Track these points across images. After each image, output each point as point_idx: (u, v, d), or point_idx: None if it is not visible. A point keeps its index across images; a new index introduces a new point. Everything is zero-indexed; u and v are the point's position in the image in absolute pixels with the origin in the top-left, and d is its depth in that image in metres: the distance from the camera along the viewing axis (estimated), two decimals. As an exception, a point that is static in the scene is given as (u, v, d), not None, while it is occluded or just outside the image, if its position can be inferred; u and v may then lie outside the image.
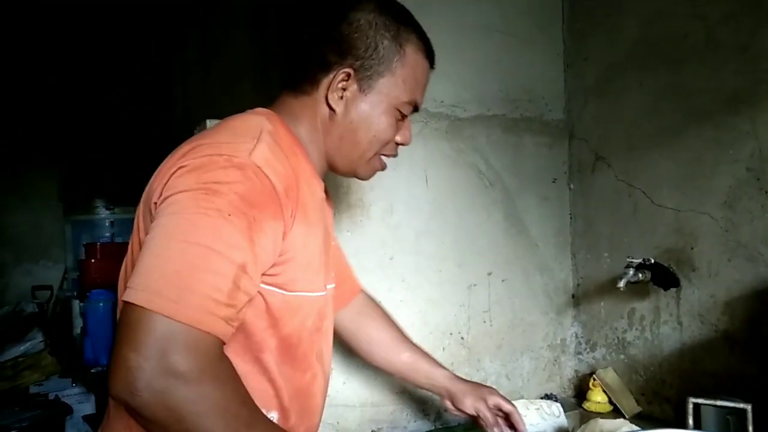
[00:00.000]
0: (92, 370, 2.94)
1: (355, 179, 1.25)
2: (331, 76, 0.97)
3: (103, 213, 4.04)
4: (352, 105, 0.98)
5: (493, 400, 1.28)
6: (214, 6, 2.99)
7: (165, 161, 0.89)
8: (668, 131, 1.63)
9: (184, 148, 0.88)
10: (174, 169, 0.83)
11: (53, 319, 3.82)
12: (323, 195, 1.05)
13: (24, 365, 3.05)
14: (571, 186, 1.93)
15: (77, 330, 3.29)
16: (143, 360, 0.69)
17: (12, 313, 3.73)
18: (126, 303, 0.73)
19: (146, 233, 0.83)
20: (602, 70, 1.82)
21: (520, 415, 1.29)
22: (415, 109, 1.05)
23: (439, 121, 1.70)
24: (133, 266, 0.87)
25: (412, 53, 1.00)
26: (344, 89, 0.98)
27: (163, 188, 0.82)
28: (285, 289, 0.91)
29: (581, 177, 1.90)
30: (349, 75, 0.97)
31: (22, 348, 3.11)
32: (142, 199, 0.90)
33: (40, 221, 4.34)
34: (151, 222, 0.81)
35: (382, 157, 1.06)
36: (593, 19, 1.85)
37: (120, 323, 0.73)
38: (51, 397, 2.89)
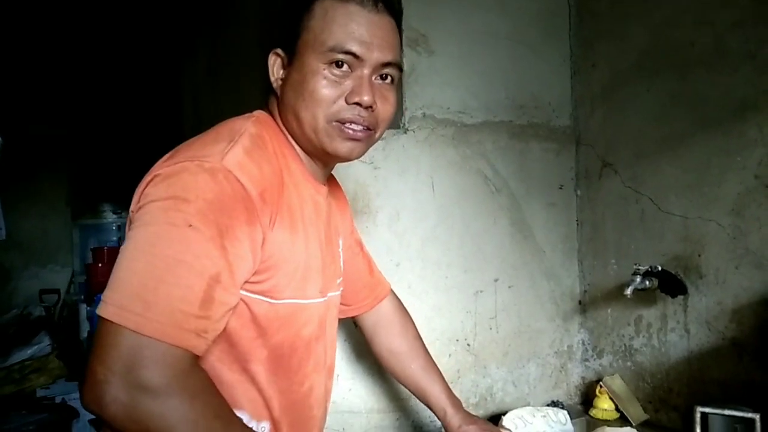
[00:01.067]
0: (99, 374, 2.95)
1: (361, 184, 1.25)
2: (270, 62, 0.97)
3: (110, 217, 4.07)
4: (287, 81, 0.95)
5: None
6: (223, 16, 3.01)
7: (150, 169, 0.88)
8: (676, 138, 1.63)
9: (167, 155, 0.86)
10: (150, 177, 0.81)
11: (60, 322, 3.84)
12: (320, 198, 1.01)
13: (31, 369, 3.06)
14: (578, 192, 1.93)
15: (84, 334, 3.31)
16: (110, 374, 0.69)
17: (19, 317, 3.75)
18: (99, 316, 0.73)
19: None
20: (609, 76, 1.82)
21: None
22: (353, 55, 0.91)
23: (446, 128, 1.70)
24: None
25: (320, 1, 0.93)
26: (280, 70, 0.96)
27: (140, 197, 0.81)
28: (271, 297, 0.89)
29: (588, 183, 1.90)
30: (277, 55, 0.96)
31: (29, 351, 3.12)
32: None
33: (48, 225, 4.37)
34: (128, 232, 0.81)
35: (347, 126, 0.93)
36: (601, 26, 1.85)
37: (94, 336, 0.73)
38: (58, 400, 2.91)
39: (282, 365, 0.94)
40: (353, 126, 0.92)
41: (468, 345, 1.72)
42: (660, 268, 1.61)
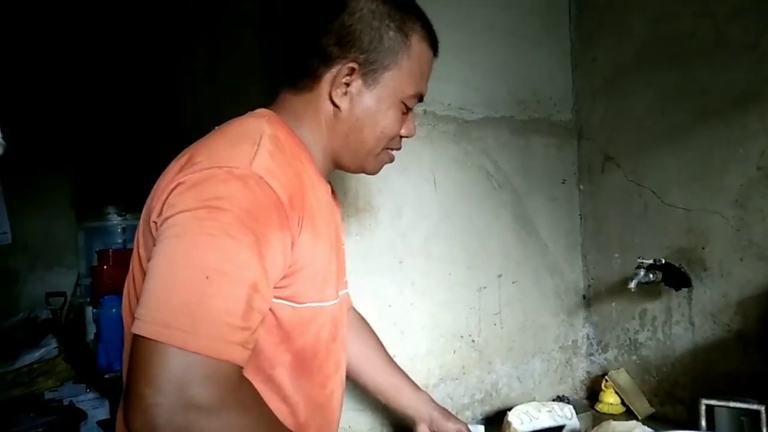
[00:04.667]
0: (106, 376, 2.97)
1: (363, 182, 1.25)
2: (335, 71, 0.93)
3: (115, 219, 4.08)
4: (357, 101, 0.94)
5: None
6: (221, 14, 3.01)
7: (164, 174, 0.85)
8: (677, 130, 1.62)
9: (182, 159, 0.83)
10: (173, 185, 0.78)
11: (67, 325, 3.84)
12: (330, 197, 1.01)
13: (39, 371, 3.08)
14: (581, 187, 1.93)
15: (91, 336, 3.32)
16: (160, 396, 0.66)
17: (26, 320, 3.76)
18: (136, 336, 0.69)
19: (146, 251, 0.80)
20: (610, 70, 1.82)
21: None
22: (420, 99, 1.01)
23: (447, 124, 1.70)
24: (135, 285, 0.86)
25: (417, 43, 0.96)
26: (348, 84, 0.93)
27: (162, 206, 0.78)
28: (295, 302, 0.87)
29: (590, 177, 1.89)
30: (353, 69, 0.92)
31: (36, 354, 3.14)
32: (143, 214, 0.86)
33: (53, 228, 4.37)
34: (153, 242, 0.77)
35: (390, 153, 1.03)
36: (601, 19, 1.85)
37: (133, 357, 0.69)
38: (66, 402, 2.92)
39: (305, 369, 0.92)
40: (394, 152, 1.03)
41: (472, 341, 1.72)
42: (664, 261, 1.60)
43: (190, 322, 0.68)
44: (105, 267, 3.51)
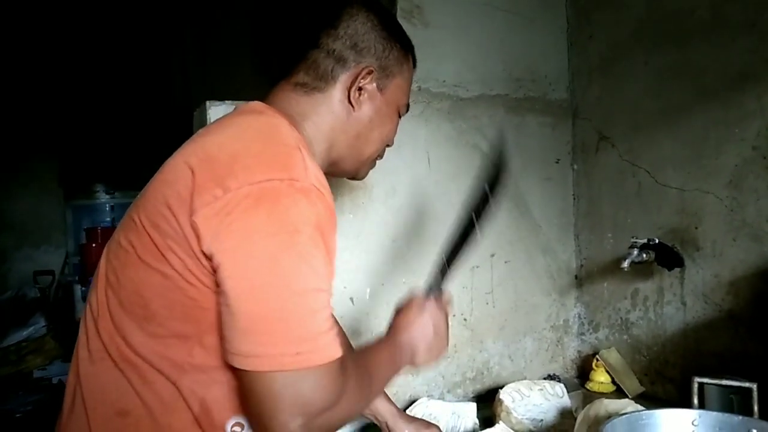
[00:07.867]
0: (95, 354, 2.96)
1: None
2: (352, 73, 0.96)
3: (103, 197, 4.05)
4: (371, 103, 0.99)
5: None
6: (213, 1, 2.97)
7: (179, 159, 0.82)
8: (673, 110, 1.61)
9: (219, 159, 0.80)
10: (229, 194, 0.76)
11: (55, 303, 3.83)
12: None
13: (27, 350, 3.07)
14: (575, 166, 1.92)
15: (79, 314, 3.30)
16: (303, 417, 0.73)
17: (14, 299, 3.75)
18: (257, 372, 0.74)
19: (161, 235, 0.79)
20: (607, 48, 1.80)
21: None
22: (406, 110, 1.09)
23: (441, 102, 1.68)
24: (113, 270, 0.84)
25: (411, 59, 1.05)
26: (363, 88, 0.97)
27: (208, 208, 0.76)
28: None
29: (585, 157, 1.89)
30: (371, 72, 0.97)
31: (25, 333, 3.13)
32: (150, 194, 0.83)
33: (40, 207, 4.34)
34: (183, 233, 0.77)
35: (377, 160, 1.10)
36: (597, -3, 1.83)
37: (260, 392, 0.74)
38: (54, 381, 2.92)
39: None
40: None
41: (465, 320, 1.72)
42: (657, 241, 1.60)
43: (313, 342, 0.75)
44: (93, 245, 3.49)
